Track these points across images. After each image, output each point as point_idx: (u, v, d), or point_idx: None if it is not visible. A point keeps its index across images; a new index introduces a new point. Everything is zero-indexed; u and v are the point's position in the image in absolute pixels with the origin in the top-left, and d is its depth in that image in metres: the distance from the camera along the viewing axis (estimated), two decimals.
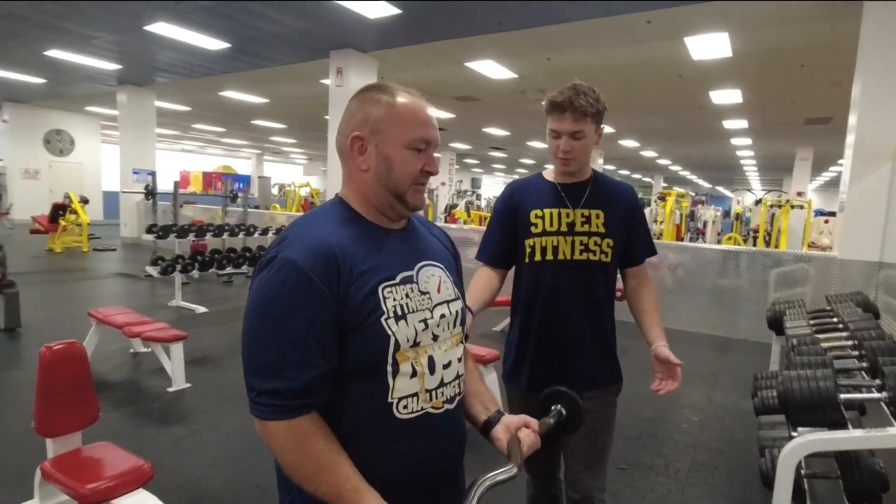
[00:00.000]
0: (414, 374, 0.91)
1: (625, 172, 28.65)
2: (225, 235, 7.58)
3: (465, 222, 13.13)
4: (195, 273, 6.77)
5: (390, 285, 0.90)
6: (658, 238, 9.91)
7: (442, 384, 0.95)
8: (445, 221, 13.41)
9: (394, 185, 0.93)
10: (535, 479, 1.70)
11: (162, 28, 7.11)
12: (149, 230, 6.98)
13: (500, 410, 1.07)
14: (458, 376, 1.00)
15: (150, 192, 8.97)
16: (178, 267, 6.21)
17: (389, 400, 0.89)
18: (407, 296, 0.92)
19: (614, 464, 2.76)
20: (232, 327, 5.34)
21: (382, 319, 0.87)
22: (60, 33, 7.69)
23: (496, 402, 1.10)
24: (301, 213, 8.25)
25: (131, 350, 4.28)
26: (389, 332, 0.87)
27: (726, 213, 16.94)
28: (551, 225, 1.53)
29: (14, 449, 2.68)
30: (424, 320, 0.93)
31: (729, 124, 12.40)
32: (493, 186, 34.97)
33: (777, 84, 8.61)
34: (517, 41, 6.91)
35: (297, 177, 19.41)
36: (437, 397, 0.94)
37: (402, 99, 0.93)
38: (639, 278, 1.63)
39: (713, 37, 6.43)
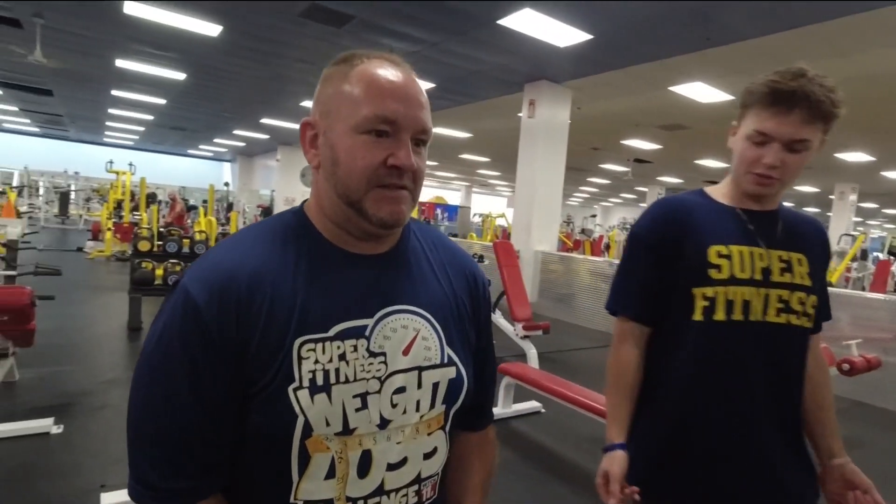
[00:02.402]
0: (331, 473, 0.64)
1: (891, 211, 22.76)
2: None
3: None
4: None
5: (315, 340, 0.63)
6: None
7: (381, 492, 0.66)
8: None
9: (343, 187, 0.65)
10: None
11: None
12: None
13: None
14: (418, 480, 0.70)
15: None
16: None
17: (292, 500, 0.64)
18: (342, 357, 0.64)
19: None
20: None
21: (291, 389, 0.61)
22: (309, 86, 9.39)
23: None
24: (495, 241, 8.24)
25: None
26: (297, 410, 0.61)
27: None
28: (742, 270, 1.05)
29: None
30: (363, 395, 0.64)
31: None
32: None
33: None
34: (732, 57, 6.02)
35: (503, 208, 20.23)
36: None
37: (361, 66, 0.66)
38: (815, 354, 1.13)
39: None
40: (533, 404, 3.70)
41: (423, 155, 0.69)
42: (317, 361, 0.63)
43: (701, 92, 7.49)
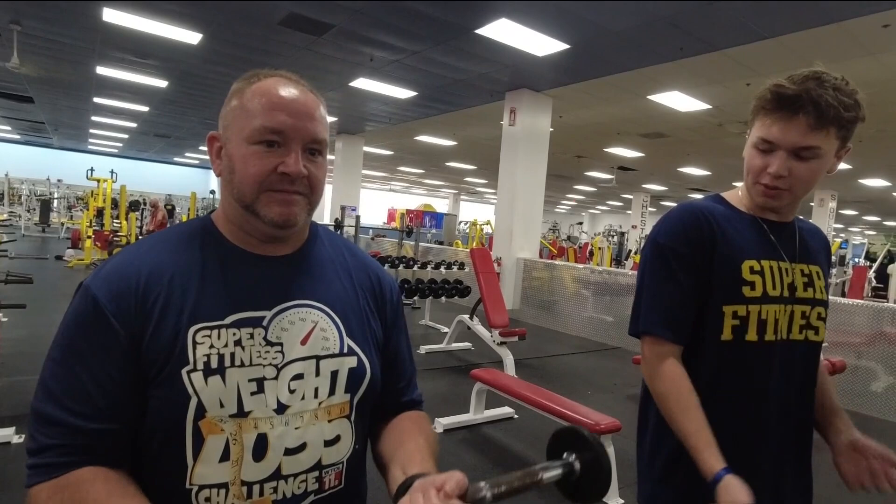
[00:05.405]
0: (226, 456, 0.65)
1: (873, 218, 23.19)
2: (400, 267, 8.11)
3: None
4: None
5: (209, 327, 0.67)
6: None
7: (277, 476, 0.68)
8: (632, 268, 12.42)
9: (238, 193, 0.71)
10: None
11: (362, 83, 8.15)
12: None
13: (421, 473, 0.66)
14: (318, 466, 0.71)
15: (339, 225, 9.96)
16: None
17: (187, 486, 0.65)
18: (237, 343, 0.67)
19: None
20: None
21: (184, 371, 0.65)
22: None
23: (424, 462, 0.71)
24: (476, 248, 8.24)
25: None
26: (191, 391, 0.64)
27: None
28: (774, 287, 0.99)
29: None
30: (259, 380, 0.68)
31: None
32: None
33: None
34: (706, 67, 6.13)
35: (490, 216, 20.29)
36: (261, 494, 0.67)
37: (257, 83, 0.72)
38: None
39: None
40: (505, 410, 3.70)
41: (319, 163, 0.74)
42: (212, 346, 0.67)
43: (679, 101, 7.61)
